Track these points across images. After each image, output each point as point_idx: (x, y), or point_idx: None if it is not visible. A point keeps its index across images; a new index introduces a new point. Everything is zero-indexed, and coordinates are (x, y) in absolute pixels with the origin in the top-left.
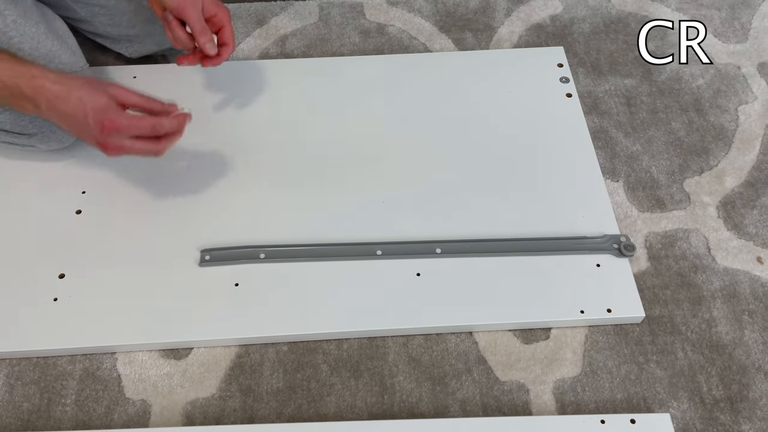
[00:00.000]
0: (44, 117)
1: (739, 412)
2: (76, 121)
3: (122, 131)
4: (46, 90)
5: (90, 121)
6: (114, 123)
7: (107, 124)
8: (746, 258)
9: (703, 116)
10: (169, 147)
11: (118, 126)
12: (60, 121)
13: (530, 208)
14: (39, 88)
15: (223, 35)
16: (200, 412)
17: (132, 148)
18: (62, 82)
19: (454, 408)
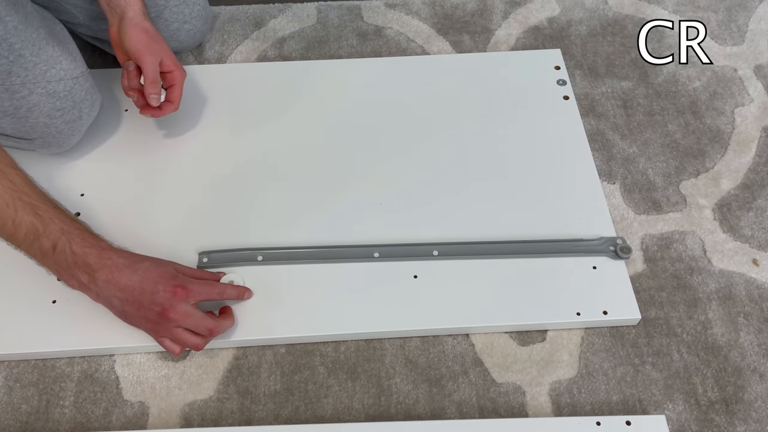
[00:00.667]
0: (92, 290)
1: (735, 413)
2: (138, 293)
3: (192, 297)
4: (112, 262)
5: (160, 288)
6: (186, 290)
7: (179, 292)
8: (742, 260)
9: (699, 118)
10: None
11: (190, 291)
12: (113, 294)
13: (527, 211)
14: (106, 259)
15: (171, 93)
16: (198, 413)
17: (194, 318)
18: (128, 256)
19: (451, 410)
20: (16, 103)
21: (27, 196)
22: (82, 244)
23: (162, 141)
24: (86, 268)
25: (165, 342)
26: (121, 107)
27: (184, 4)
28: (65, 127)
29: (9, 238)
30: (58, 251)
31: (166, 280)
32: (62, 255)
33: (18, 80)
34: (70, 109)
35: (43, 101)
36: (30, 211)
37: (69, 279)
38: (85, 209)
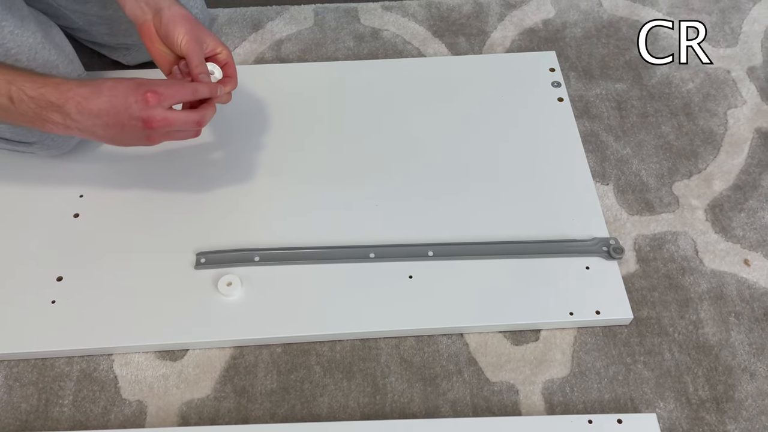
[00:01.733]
0: (72, 127)
1: (725, 412)
2: (113, 114)
3: (165, 100)
4: (74, 93)
5: (131, 100)
6: (156, 94)
7: (150, 97)
8: (733, 260)
9: (692, 120)
10: (209, 118)
11: (161, 96)
12: (92, 123)
13: (521, 212)
14: (66, 92)
15: (227, 69)
16: (195, 412)
17: (176, 119)
18: (87, 83)
19: (445, 408)
20: None
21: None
22: (35, 86)
23: None
24: (51, 107)
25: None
26: None
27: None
28: None
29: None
30: (16, 102)
31: (133, 92)
32: (22, 104)
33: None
34: None
35: None
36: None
37: (44, 124)
38: (83, 210)
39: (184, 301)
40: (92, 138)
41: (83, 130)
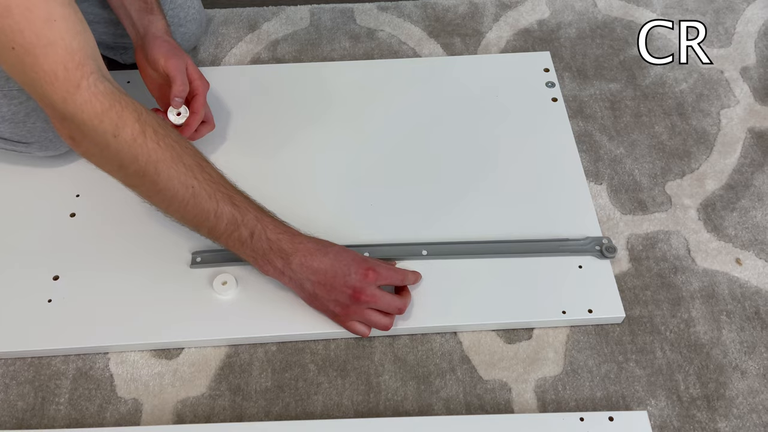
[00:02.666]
0: (286, 274)
1: (716, 410)
2: (330, 276)
3: (381, 280)
4: (304, 246)
5: (352, 270)
6: (377, 271)
7: (371, 272)
8: (725, 259)
9: (685, 120)
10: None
11: (380, 274)
12: (306, 278)
13: (515, 211)
14: (298, 244)
15: (194, 103)
16: (190, 410)
17: (383, 299)
18: (319, 241)
19: (438, 406)
20: (14, 108)
21: (224, 188)
22: (276, 230)
23: None
24: (281, 253)
25: (355, 326)
26: None
27: (179, 7)
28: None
29: (211, 230)
30: (255, 239)
31: (357, 263)
32: (259, 242)
33: (16, 86)
34: None
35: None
36: (228, 202)
37: (265, 265)
38: (80, 210)
39: (179, 300)
40: (295, 289)
41: (293, 280)
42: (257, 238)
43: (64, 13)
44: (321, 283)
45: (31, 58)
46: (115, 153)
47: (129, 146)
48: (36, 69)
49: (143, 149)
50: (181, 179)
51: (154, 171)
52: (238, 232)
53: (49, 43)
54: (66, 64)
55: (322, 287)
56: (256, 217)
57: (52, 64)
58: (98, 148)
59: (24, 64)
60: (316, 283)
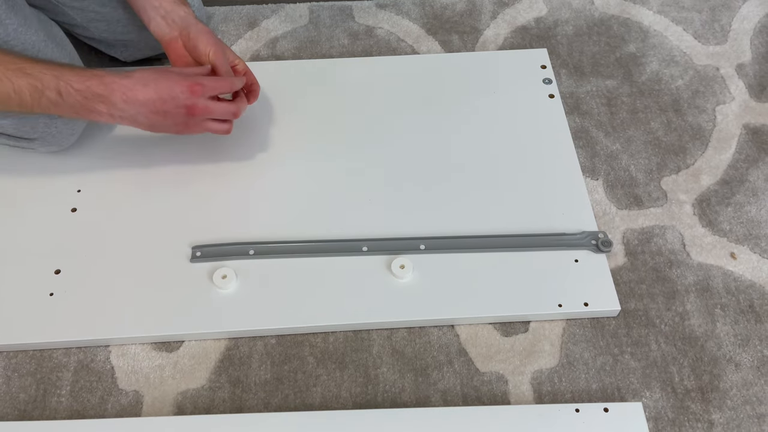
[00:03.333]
0: (116, 115)
1: (710, 401)
2: (159, 102)
3: (208, 91)
4: (118, 84)
5: (177, 90)
6: (201, 85)
7: (197, 86)
8: (720, 254)
9: (681, 116)
10: (242, 110)
11: (205, 86)
12: (137, 112)
13: (512, 206)
14: (110, 83)
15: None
16: (190, 402)
17: (216, 108)
18: (130, 74)
19: (436, 398)
20: None
21: (13, 64)
22: (81, 79)
23: (155, 138)
24: (98, 98)
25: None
26: None
27: None
28: (65, 127)
29: (20, 107)
30: (64, 95)
31: (180, 83)
32: (70, 97)
33: None
34: None
35: None
36: (21, 74)
37: (90, 114)
38: (81, 205)
39: (179, 294)
40: (132, 125)
41: (126, 118)
42: (66, 94)
43: None
44: (153, 112)
45: None
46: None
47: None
48: None
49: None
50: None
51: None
52: (45, 97)
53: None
54: None
55: (156, 115)
56: (56, 76)
57: None
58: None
59: None
60: (148, 113)
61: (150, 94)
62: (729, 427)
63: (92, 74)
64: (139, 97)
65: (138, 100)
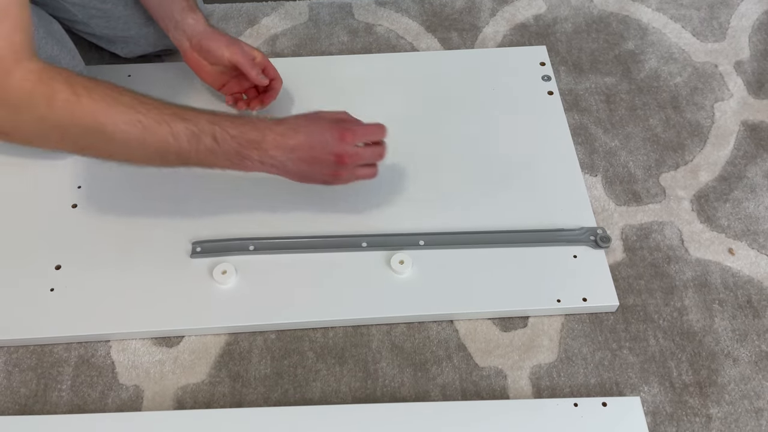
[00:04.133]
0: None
1: (708, 396)
2: (308, 149)
3: (357, 138)
4: (271, 130)
5: (328, 137)
6: (353, 130)
7: (348, 134)
8: (718, 249)
9: (679, 113)
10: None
11: (355, 132)
12: (287, 158)
13: (511, 202)
14: (264, 129)
15: (268, 72)
16: (191, 396)
17: (365, 153)
18: (282, 121)
19: (435, 392)
20: None
21: (169, 109)
22: (236, 125)
23: None
24: (251, 144)
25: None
26: None
27: None
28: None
29: (179, 154)
30: (220, 141)
31: (331, 130)
32: (225, 143)
33: None
34: None
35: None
36: (178, 119)
37: (242, 162)
38: (81, 201)
39: (179, 289)
40: (281, 173)
41: (275, 165)
42: (222, 139)
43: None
44: (302, 159)
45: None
46: (54, 121)
47: (64, 110)
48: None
49: (78, 107)
50: (126, 119)
51: (97, 123)
52: (202, 143)
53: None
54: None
55: (305, 162)
56: (211, 121)
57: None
58: (36, 124)
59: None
60: (298, 160)
61: (300, 139)
62: (727, 421)
63: (245, 120)
64: (290, 142)
65: (289, 145)
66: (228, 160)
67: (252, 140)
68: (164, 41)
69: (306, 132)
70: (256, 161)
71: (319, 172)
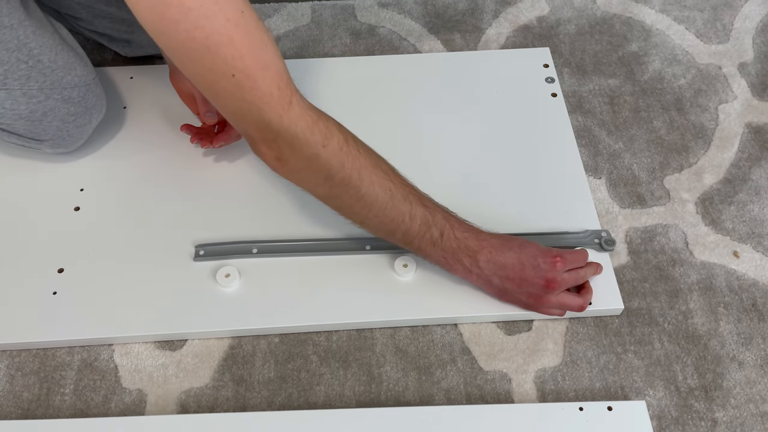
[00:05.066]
0: (473, 272)
1: (713, 400)
2: (518, 269)
3: (567, 265)
4: (488, 243)
5: (540, 261)
6: (563, 256)
7: (559, 261)
8: (723, 252)
9: (683, 115)
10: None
11: (567, 259)
12: (494, 273)
13: (515, 205)
14: (482, 240)
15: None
16: (194, 401)
17: (571, 280)
18: (499, 236)
19: (439, 396)
20: (32, 107)
21: (414, 191)
22: (462, 229)
23: (159, 137)
24: (468, 251)
25: (551, 310)
26: (120, 104)
27: None
28: (76, 131)
29: (405, 233)
30: (444, 238)
31: (543, 254)
32: (448, 241)
33: (36, 85)
34: (82, 114)
35: (58, 107)
36: (420, 204)
37: (455, 264)
38: (84, 204)
39: (183, 293)
40: (484, 286)
41: (481, 277)
42: (447, 237)
43: (271, 38)
44: (509, 278)
45: (251, 82)
46: (325, 162)
47: (336, 154)
48: (255, 91)
49: (348, 156)
50: (381, 183)
51: (357, 177)
52: (430, 233)
53: (266, 65)
54: (279, 83)
55: (511, 281)
56: (444, 217)
57: (269, 85)
58: (307, 162)
59: (243, 88)
60: (505, 278)
61: (513, 258)
62: (732, 425)
63: (471, 227)
64: (501, 259)
65: (499, 261)
66: (444, 256)
67: (470, 247)
68: None
69: (519, 251)
70: (466, 267)
71: (523, 293)
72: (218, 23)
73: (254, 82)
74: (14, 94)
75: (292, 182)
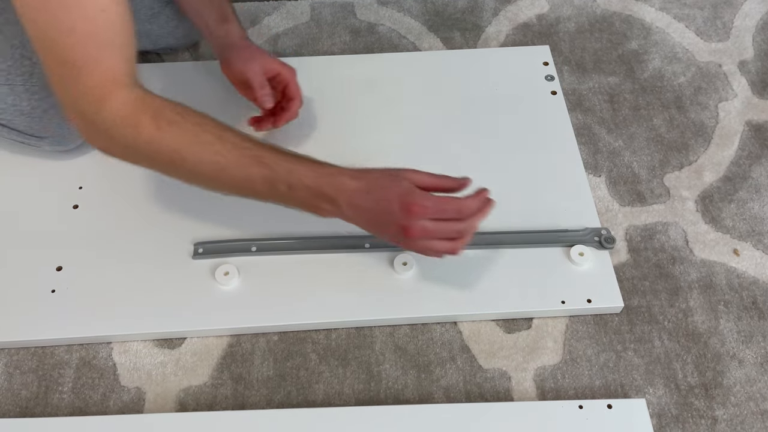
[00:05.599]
0: (340, 214)
1: (713, 398)
2: (378, 213)
3: (429, 213)
4: (346, 186)
5: (395, 207)
6: (422, 205)
7: (415, 208)
8: (723, 250)
9: (683, 113)
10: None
11: (425, 208)
12: (357, 216)
13: (515, 202)
14: (340, 185)
15: (288, 90)
16: (193, 399)
17: (436, 230)
18: (360, 176)
19: (439, 394)
20: (34, 103)
21: (249, 151)
22: (312, 176)
23: None
24: (326, 197)
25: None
26: None
27: None
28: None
29: (252, 194)
30: (294, 190)
31: (399, 199)
32: (299, 192)
33: (39, 82)
34: None
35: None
36: (256, 163)
37: (317, 210)
38: (83, 202)
39: (181, 291)
40: (355, 224)
41: (350, 218)
42: (296, 188)
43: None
44: (371, 222)
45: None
46: (139, 151)
47: (148, 143)
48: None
49: (162, 142)
50: (205, 158)
51: (179, 158)
52: (276, 189)
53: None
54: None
55: (374, 225)
56: (289, 170)
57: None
58: (124, 151)
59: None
60: (367, 221)
61: (369, 204)
62: (733, 423)
63: (325, 172)
64: (360, 203)
65: (359, 207)
66: (300, 204)
67: (326, 194)
68: (166, 40)
69: (375, 197)
70: (330, 211)
71: (388, 236)
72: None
73: (79, 73)
74: (17, 90)
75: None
